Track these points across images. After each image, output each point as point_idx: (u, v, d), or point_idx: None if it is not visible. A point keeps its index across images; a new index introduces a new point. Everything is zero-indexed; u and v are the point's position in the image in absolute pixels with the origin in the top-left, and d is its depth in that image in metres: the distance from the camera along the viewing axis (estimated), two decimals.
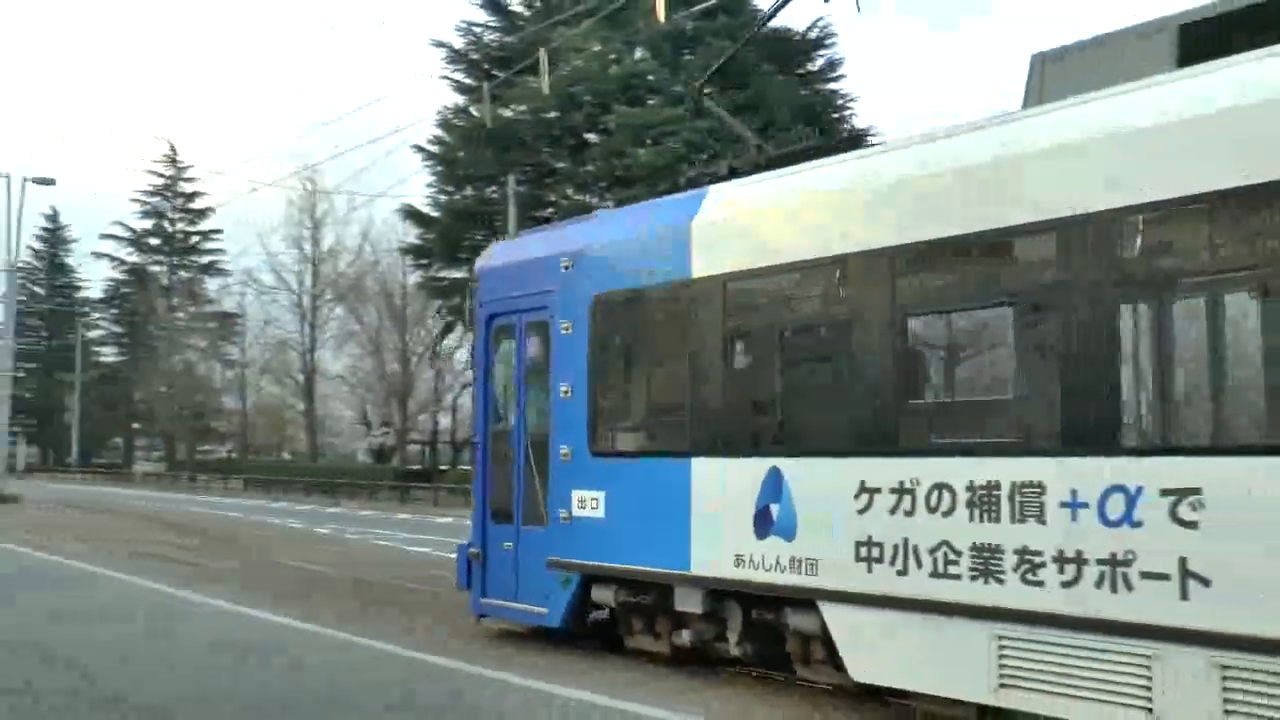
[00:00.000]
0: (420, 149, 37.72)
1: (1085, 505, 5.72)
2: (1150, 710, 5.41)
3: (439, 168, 37.92)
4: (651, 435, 8.77)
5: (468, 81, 38.05)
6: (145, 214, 61.95)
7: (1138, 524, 5.51)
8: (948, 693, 6.35)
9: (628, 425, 8.97)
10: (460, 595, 10.37)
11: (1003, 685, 6.03)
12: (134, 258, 62.88)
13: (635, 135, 33.24)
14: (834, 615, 6.89)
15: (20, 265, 51.31)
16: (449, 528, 27.02)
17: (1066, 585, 5.73)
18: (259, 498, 41.16)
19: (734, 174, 8.93)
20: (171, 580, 13.86)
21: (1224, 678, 5.16)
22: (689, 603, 7.87)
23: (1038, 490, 5.91)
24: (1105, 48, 6.62)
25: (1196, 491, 5.31)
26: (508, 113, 35.17)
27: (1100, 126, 5.95)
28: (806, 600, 7.06)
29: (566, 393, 8.86)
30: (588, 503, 8.63)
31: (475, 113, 35.96)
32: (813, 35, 36.25)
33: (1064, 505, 5.80)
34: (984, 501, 6.15)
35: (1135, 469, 5.55)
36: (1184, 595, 5.30)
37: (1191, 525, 5.31)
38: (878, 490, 6.66)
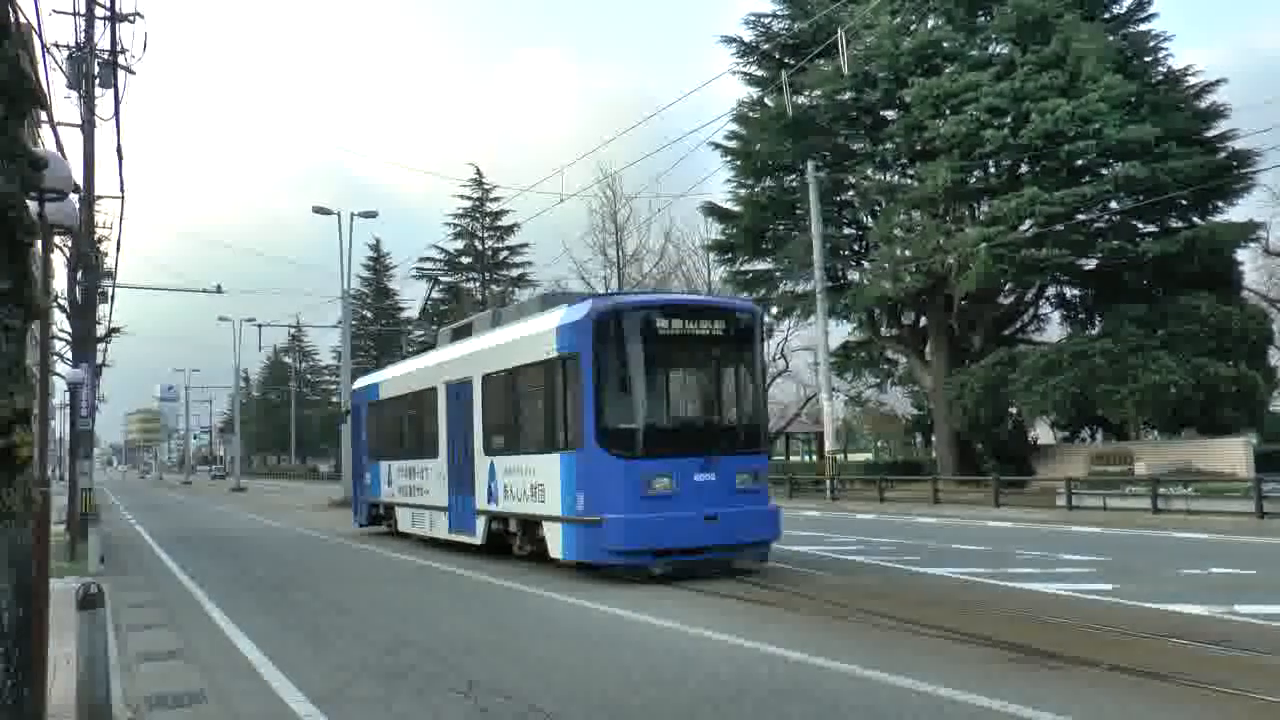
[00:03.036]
0: (718, 145, 38.50)
1: (421, 473, 19.74)
2: (431, 530, 19.32)
3: (737, 162, 38.52)
4: (378, 453, 23.10)
5: (760, 73, 38.49)
6: (457, 235, 66.53)
7: (423, 476, 19.59)
8: (411, 531, 20.62)
9: (373, 449, 23.56)
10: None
11: (413, 527, 20.40)
12: (448, 277, 67.52)
13: (934, 106, 32.49)
14: (398, 511, 21.51)
15: (352, 293, 56.63)
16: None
17: (420, 494, 19.87)
18: None
19: (393, 362, 33.66)
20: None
21: (449, 516, 18.09)
22: (380, 510, 23.00)
23: (414, 467, 20.21)
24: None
25: (427, 467, 19.28)
26: (802, 99, 35.30)
27: (457, 352, 18.65)
28: (394, 506, 21.83)
29: (365, 437, 24.34)
30: (368, 477, 23.70)
31: (770, 103, 36.38)
32: None
33: (416, 472, 20.18)
34: (413, 473, 20.29)
35: (423, 464, 19.58)
36: (425, 493, 19.57)
37: (425, 477, 19.55)
38: (404, 470, 20.93)
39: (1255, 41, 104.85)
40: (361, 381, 26.12)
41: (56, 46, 19.60)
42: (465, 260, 67.34)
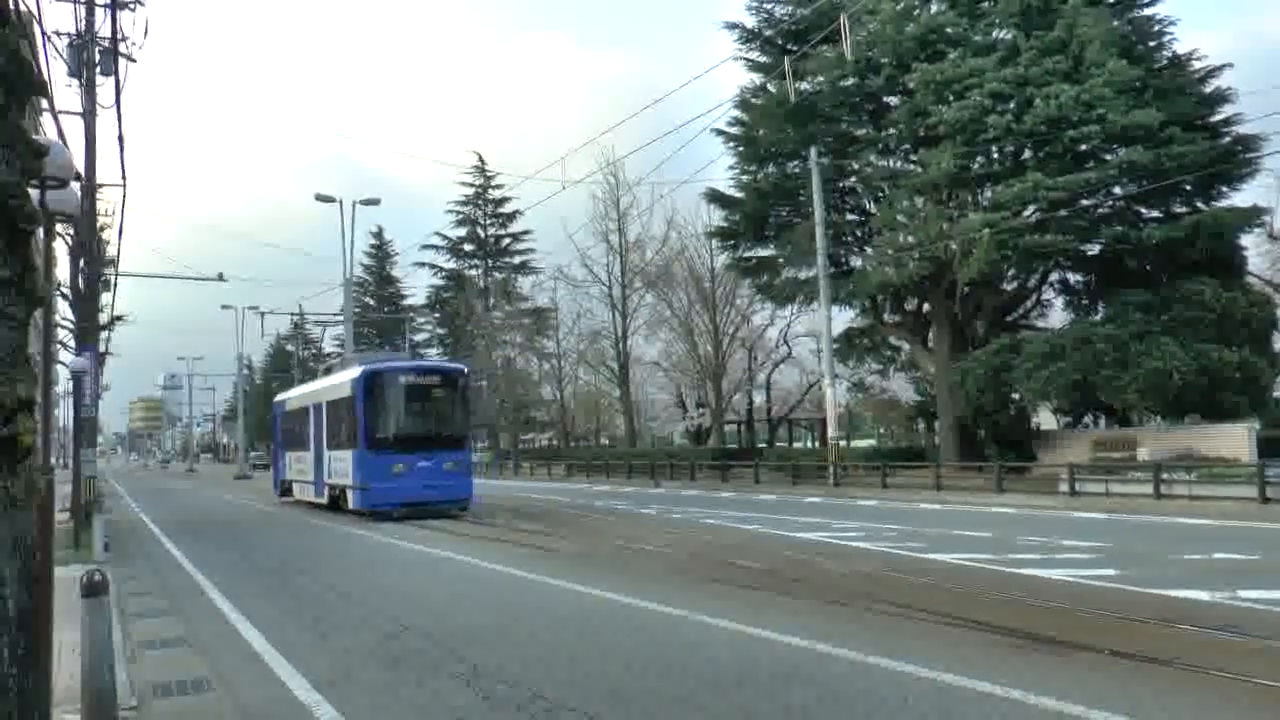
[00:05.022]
0: (720, 132, 38.35)
1: (303, 460, 30.37)
2: (307, 496, 30.18)
3: (740, 148, 38.37)
4: (285, 444, 33.94)
5: (762, 59, 38.32)
6: (460, 223, 66.53)
7: (304, 462, 30.24)
8: (300, 498, 31.30)
9: (282, 443, 34.54)
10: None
11: (300, 495, 31.26)
12: (451, 264, 67.49)
13: (938, 92, 32.35)
14: (294, 485, 32.33)
15: (355, 281, 56.68)
16: (773, 505, 27.45)
17: (303, 474, 30.56)
18: (582, 481, 43.04)
19: (293, 385, 47.98)
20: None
21: (314, 487, 29.44)
22: (287, 484, 33.42)
23: (300, 456, 30.94)
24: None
25: (305, 456, 29.88)
26: (805, 85, 35.12)
27: (317, 386, 31.72)
28: (292, 481, 32.61)
29: (279, 435, 35.40)
30: (280, 463, 34.81)
31: (773, 89, 36.23)
32: None
33: (301, 460, 30.89)
34: (300, 460, 30.95)
35: (304, 454, 30.15)
36: (304, 473, 30.54)
37: (305, 463, 30.26)
38: (296, 458, 31.80)
39: (1261, 26, 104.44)
40: (277, 397, 38.56)
41: (57, 34, 19.56)
42: (468, 248, 67.28)
